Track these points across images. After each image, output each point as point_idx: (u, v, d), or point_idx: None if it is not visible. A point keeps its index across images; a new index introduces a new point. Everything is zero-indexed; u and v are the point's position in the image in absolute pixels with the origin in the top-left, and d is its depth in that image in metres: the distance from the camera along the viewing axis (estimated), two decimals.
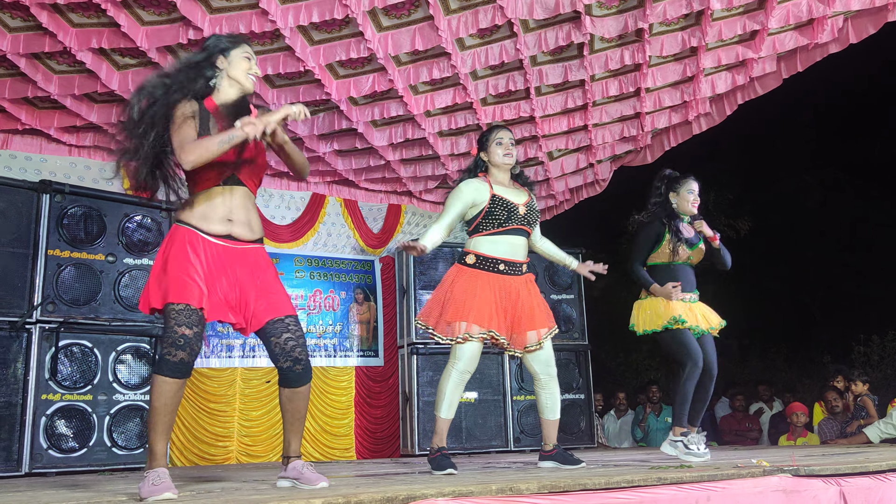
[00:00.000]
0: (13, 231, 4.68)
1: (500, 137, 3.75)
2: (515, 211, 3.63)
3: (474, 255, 3.61)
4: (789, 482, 2.67)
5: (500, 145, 3.73)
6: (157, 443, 2.56)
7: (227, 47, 2.84)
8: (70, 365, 4.77)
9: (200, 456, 6.08)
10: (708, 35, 5.12)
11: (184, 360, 2.54)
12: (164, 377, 2.53)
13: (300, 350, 2.77)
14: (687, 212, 4.50)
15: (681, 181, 4.55)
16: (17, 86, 5.18)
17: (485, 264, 3.59)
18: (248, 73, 2.84)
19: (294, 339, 2.77)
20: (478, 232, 3.64)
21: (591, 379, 6.97)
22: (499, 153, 3.72)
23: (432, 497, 2.11)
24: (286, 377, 2.77)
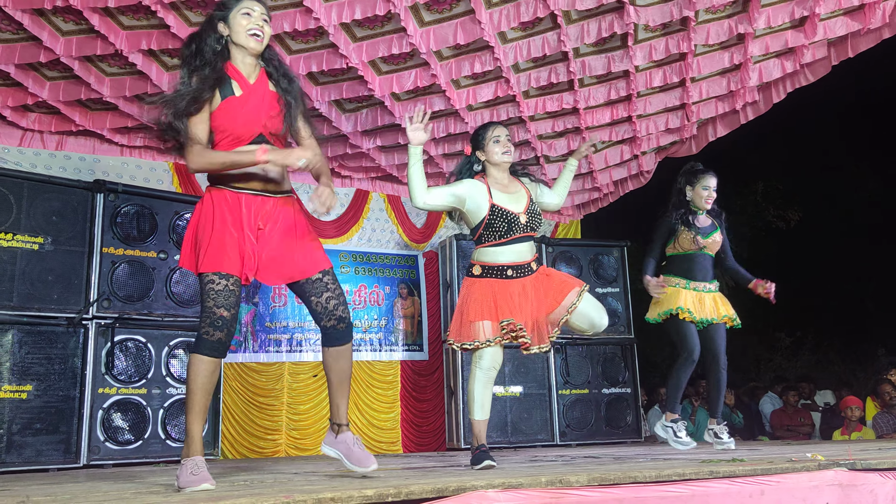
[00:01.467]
0: (69, 230, 4.82)
1: (497, 135, 3.60)
2: (516, 221, 3.49)
3: (480, 266, 3.52)
4: (846, 476, 2.62)
5: (497, 143, 3.59)
6: (194, 424, 2.58)
7: (224, 14, 2.72)
8: (125, 359, 4.89)
9: (251, 449, 6.19)
10: (756, 22, 5.02)
11: (221, 339, 2.58)
12: (202, 356, 2.57)
13: (342, 308, 2.76)
14: (700, 206, 4.60)
15: (698, 175, 4.63)
16: (71, 88, 5.32)
17: (491, 272, 3.49)
18: (248, 31, 2.69)
19: (335, 297, 2.76)
20: (481, 243, 3.55)
21: (637, 373, 6.91)
22: (497, 151, 3.58)
23: (482, 489, 2.12)
24: (330, 336, 2.77)
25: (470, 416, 3.59)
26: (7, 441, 4.34)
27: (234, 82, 2.72)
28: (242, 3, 2.71)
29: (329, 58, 5.02)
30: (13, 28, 4.63)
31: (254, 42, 2.71)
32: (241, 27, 2.69)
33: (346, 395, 2.84)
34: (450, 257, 6.78)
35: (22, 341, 4.50)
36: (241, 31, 2.69)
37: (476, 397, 3.54)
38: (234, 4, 2.72)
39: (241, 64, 2.76)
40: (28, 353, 4.51)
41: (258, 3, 2.74)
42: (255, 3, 2.74)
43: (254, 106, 2.72)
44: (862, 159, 13.20)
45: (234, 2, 2.72)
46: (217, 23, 2.73)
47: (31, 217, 4.66)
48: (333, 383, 2.82)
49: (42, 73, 5.21)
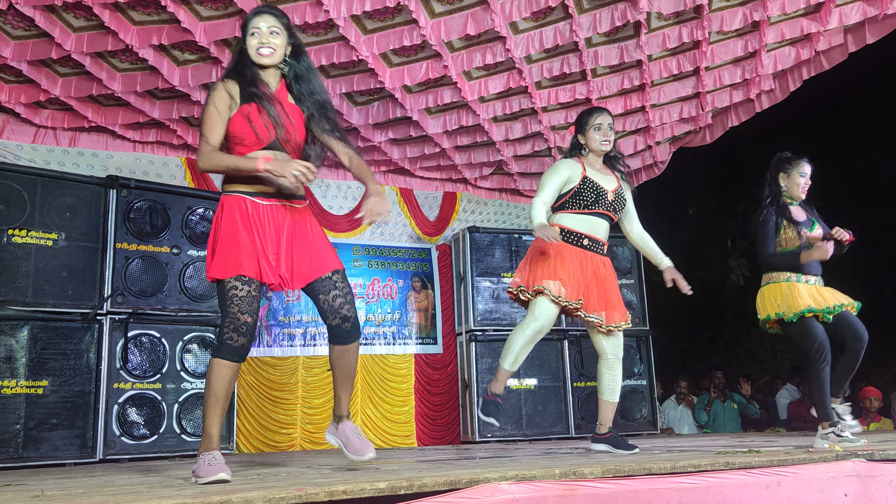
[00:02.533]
0: (83, 226, 4.84)
1: (599, 122, 3.78)
2: (604, 195, 3.69)
3: (559, 229, 3.65)
4: (864, 467, 2.58)
5: (598, 130, 3.77)
6: (212, 426, 2.62)
7: (241, 36, 2.86)
8: (140, 354, 4.92)
9: (265, 443, 6.21)
10: (771, 9, 4.95)
11: (244, 345, 2.63)
12: (225, 361, 2.61)
13: (348, 307, 2.81)
14: (796, 196, 4.21)
15: (792, 162, 4.22)
16: (83, 84, 5.34)
17: (570, 237, 3.64)
18: (257, 50, 2.80)
19: (342, 295, 2.81)
20: (563, 209, 3.70)
21: (652, 365, 6.87)
22: (596, 138, 3.76)
23: (495, 481, 2.11)
24: (335, 334, 2.82)
25: (500, 361, 3.67)
26: (24, 436, 4.37)
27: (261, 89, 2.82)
28: (250, 24, 2.83)
29: (339, 50, 5.00)
30: (25, 25, 4.65)
31: (263, 59, 2.82)
32: (252, 47, 2.81)
33: (349, 389, 2.91)
34: (463, 250, 6.76)
35: (37, 337, 4.53)
36: (252, 50, 2.82)
37: (515, 349, 3.62)
38: (247, 26, 2.84)
39: (263, 75, 2.87)
40: (43, 348, 4.54)
41: (266, 17, 2.82)
42: (263, 17, 2.82)
43: (271, 115, 2.79)
44: (880, 148, 13.04)
45: (246, 23, 2.85)
46: (243, 47, 2.86)
47: (45, 213, 4.68)
48: (337, 378, 2.88)
49: (54, 69, 5.23)
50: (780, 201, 4.18)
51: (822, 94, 8.67)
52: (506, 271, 6.73)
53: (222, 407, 2.63)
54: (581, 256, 3.65)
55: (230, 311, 2.62)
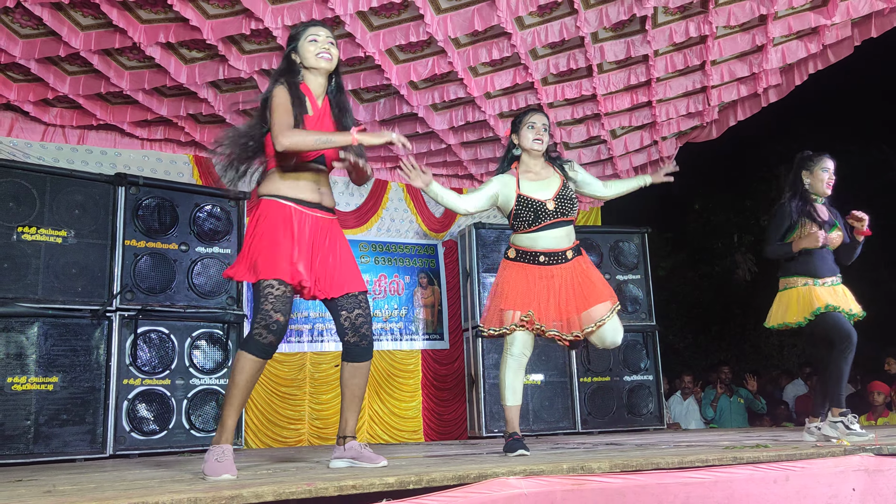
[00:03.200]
0: (92, 223, 4.86)
1: (533, 121, 3.61)
2: (543, 209, 3.52)
3: (514, 250, 3.61)
4: (872, 461, 2.59)
5: (531, 129, 3.60)
6: (230, 417, 2.63)
7: (294, 45, 2.90)
8: (149, 351, 4.94)
9: (274, 438, 6.24)
10: (778, 2, 4.94)
11: (272, 342, 2.65)
12: (252, 356, 2.62)
13: (367, 327, 2.86)
14: (821, 192, 4.16)
15: (815, 159, 4.18)
16: (91, 82, 5.36)
17: (525, 257, 3.57)
18: (318, 55, 2.86)
19: (364, 315, 2.87)
20: (514, 230, 3.64)
21: (659, 360, 6.87)
22: (528, 137, 3.60)
23: (504, 476, 2.12)
24: (351, 352, 2.85)
25: (502, 402, 3.59)
26: (34, 432, 4.40)
27: (308, 102, 2.86)
28: (308, 31, 2.89)
29: (346, 47, 5.01)
30: (33, 23, 4.67)
31: (324, 62, 2.87)
32: (310, 52, 2.86)
33: (357, 410, 2.92)
34: (469, 246, 6.77)
35: (47, 334, 4.56)
36: (310, 55, 2.87)
37: (508, 383, 3.54)
38: (302, 34, 2.89)
39: (313, 84, 2.92)
40: (53, 345, 4.57)
41: (323, 28, 2.92)
42: (321, 28, 2.91)
43: (321, 127, 2.85)
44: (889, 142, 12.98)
45: (301, 32, 2.91)
46: (291, 55, 2.90)
47: (54, 211, 4.71)
48: (346, 397, 2.89)
49: (62, 67, 5.26)
50: (806, 198, 4.14)
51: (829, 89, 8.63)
52: None
53: (241, 400, 2.64)
54: (537, 273, 3.53)
55: (263, 308, 2.63)
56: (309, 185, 2.80)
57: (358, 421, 2.99)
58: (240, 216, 5.45)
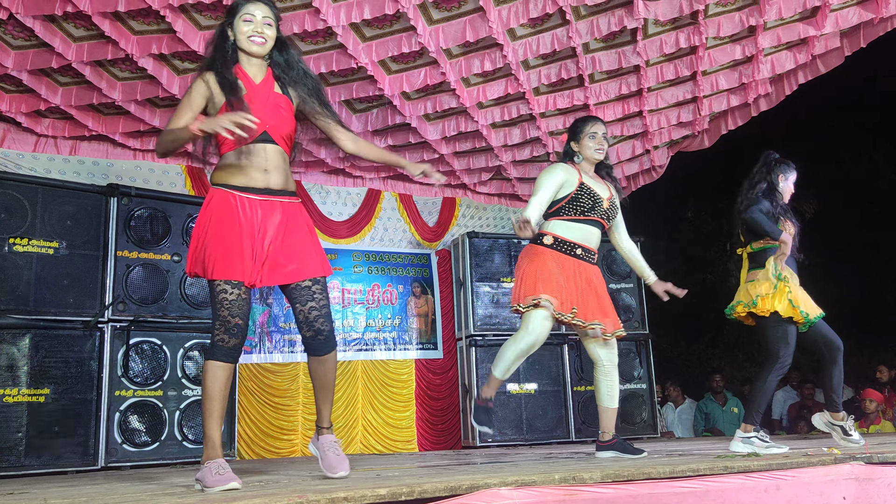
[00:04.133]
0: (84, 234, 4.85)
1: (594, 131, 3.74)
2: (600, 203, 3.66)
3: (552, 237, 3.61)
4: (862, 470, 2.60)
5: (592, 139, 3.73)
6: (213, 430, 2.61)
7: (229, 19, 2.79)
8: (141, 362, 4.93)
9: (266, 449, 6.22)
10: (766, 14, 4.98)
11: (236, 345, 2.64)
12: (219, 362, 2.62)
13: (322, 320, 2.78)
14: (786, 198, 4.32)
15: (789, 166, 4.32)
16: (84, 93, 5.36)
17: (563, 247, 3.59)
18: (249, 38, 2.75)
19: (318, 308, 2.77)
20: (558, 215, 3.63)
21: (652, 368, 6.88)
22: (590, 146, 3.73)
23: (495, 486, 2.12)
24: (309, 346, 2.82)
25: (492, 369, 3.60)
26: (26, 444, 4.38)
27: (241, 83, 2.77)
28: (244, 9, 2.76)
29: (338, 58, 5.03)
30: (25, 35, 4.68)
31: (255, 47, 2.77)
32: (243, 33, 2.76)
33: (329, 400, 2.91)
34: (462, 255, 6.78)
35: (39, 345, 4.54)
36: (242, 36, 2.76)
37: (506, 359, 3.55)
38: (238, 10, 2.77)
39: (248, 65, 2.83)
40: (45, 356, 4.55)
41: (261, 7, 2.78)
42: (258, 6, 2.77)
43: (257, 105, 2.74)
44: (876, 149, 13.06)
45: (238, 8, 2.78)
46: (226, 29, 2.81)
47: (45, 222, 4.70)
48: (316, 388, 2.89)
49: (54, 78, 5.26)
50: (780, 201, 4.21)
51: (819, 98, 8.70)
52: (505, 276, 6.75)
53: (219, 410, 2.62)
54: (574, 266, 3.59)
55: (220, 315, 2.62)
56: (254, 169, 2.71)
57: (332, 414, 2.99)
58: None
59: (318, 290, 2.78)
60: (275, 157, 2.77)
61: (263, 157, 2.74)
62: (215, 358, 2.63)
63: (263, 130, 2.73)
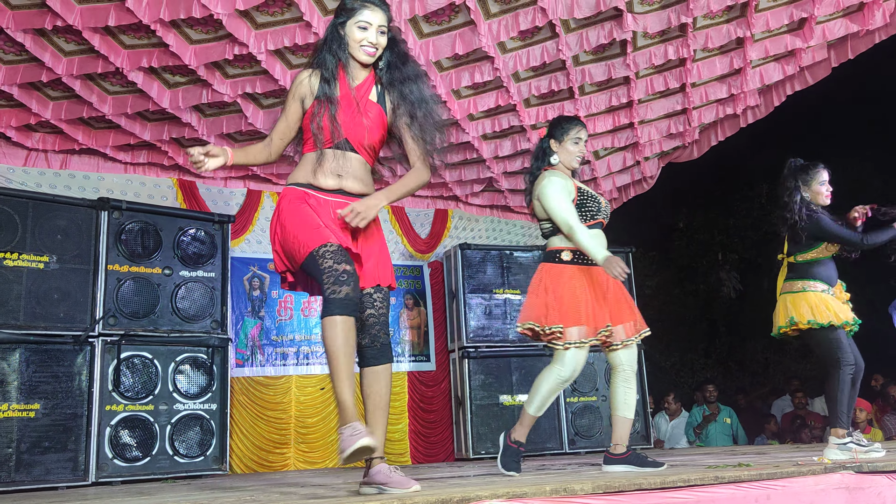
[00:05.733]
0: (75, 248, 4.84)
1: (580, 136, 3.54)
2: (600, 203, 3.50)
3: (570, 252, 3.43)
4: (852, 479, 2.61)
5: (576, 144, 3.53)
6: (343, 391, 2.46)
7: (343, 19, 2.71)
8: (132, 376, 4.91)
9: (259, 463, 6.19)
10: (754, 26, 5.03)
11: (349, 294, 2.46)
12: (337, 315, 2.44)
13: (378, 328, 2.67)
14: (821, 203, 4.16)
15: (810, 171, 4.17)
16: (74, 107, 5.37)
17: (582, 259, 3.42)
18: (361, 46, 2.68)
19: (375, 315, 2.68)
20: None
21: (645, 379, 6.89)
22: (573, 152, 3.52)
23: (486, 499, 2.12)
24: (363, 355, 2.67)
25: (525, 407, 3.44)
26: (16, 459, 4.35)
27: (337, 84, 2.71)
28: (360, 15, 2.68)
29: None
30: (16, 49, 4.68)
31: (365, 56, 2.71)
32: (355, 40, 2.69)
33: (384, 423, 2.66)
34: (455, 267, 6.79)
35: (29, 360, 4.52)
36: (354, 44, 2.70)
37: (541, 396, 3.41)
38: (354, 14, 2.69)
39: (351, 67, 2.75)
40: (35, 371, 4.53)
41: (378, 13, 2.70)
42: (377, 12, 2.70)
43: (345, 110, 2.69)
44: (866, 159, 13.15)
45: (354, 11, 2.69)
46: (338, 29, 2.73)
47: (36, 236, 4.68)
48: (369, 410, 2.66)
49: (45, 92, 5.26)
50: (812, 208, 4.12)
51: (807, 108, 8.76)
52: (497, 287, 6.75)
53: (347, 368, 2.47)
54: (595, 277, 3.45)
55: (326, 266, 2.47)
56: (328, 172, 2.66)
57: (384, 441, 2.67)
58: (224, 239, 5.43)
59: (379, 298, 2.70)
60: (353, 165, 2.72)
61: (340, 164, 2.69)
62: (331, 312, 2.44)
63: (344, 138, 2.69)
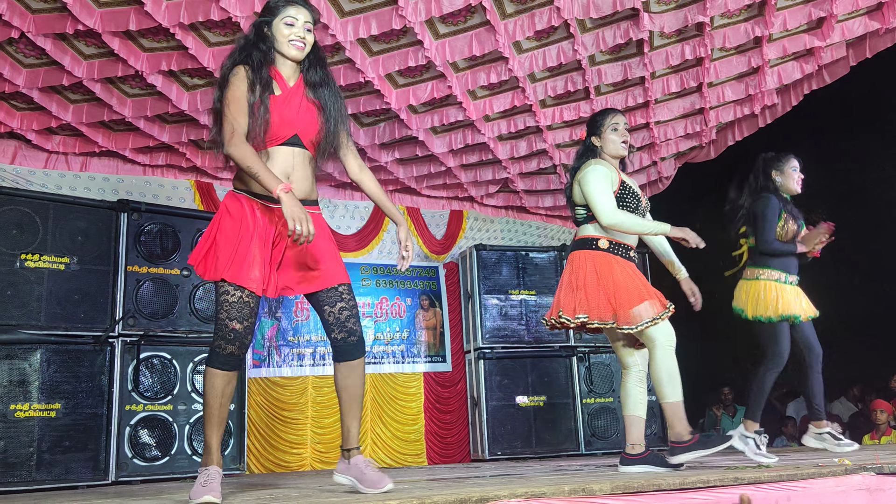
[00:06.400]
0: (95, 249, 4.89)
1: (616, 122, 3.46)
2: (640, 202, 3.42)
3: (607, 241, 3.34)
4: (873, 480, 2.59)
5: (615, 131, 3.44)
6: (211, 437, 2.56)
7: (269, 19, 2.71)
8: (151, 376, 4.95)
9: (276, 463, 6.22)
10: (772, 25, 5.00)
11: (233, 353, 2.53)
12: (216, 369, 2.53)
13: (354, 321, 2.69)
14: (791, 190, 4.26)
15: (782, 159, 4.29)
16: (94, 110, 5.42)
17: (618, 249, 3.35)
18: (290, 41, 2.68)
19: (348, 308, 2.69)
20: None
21: None
22: (615, 140, 3.44)
23: (505, 498, 2.12)
24: (340, 349, 2.69)
25: (667, 398, 3.22)
26: (37, 459, 4.39)
27: (275, 83, 2.72)
28: (286, 11, 2.70)
29: (346, 73, 5.07)
30: (37, 53, 4.73)
31: (294, 51, 2.71)
32: (283, 36, 2.69)
33: (359, 416, 2.72)
34: (470, 268, 6.79)
35: (50, 360, 4.57)
36: (282, 39, 2.70)
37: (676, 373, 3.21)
38: (279, 11, 2.71)
39: (282, 67, 2.76)
40: (56, 371, 4.58)
41: (303, 11, 2.73)
42: (301, 10, 2.72)
43: (292, 108, 2.70)
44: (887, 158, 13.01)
45: (279, 8, 2.72)
46: (263, 28, 2.72)
47: (57, 238, 4.74)
48: (344, 402, 2.70)
49: (65, 96, 5.31)
50: (780, 196, 4.24)
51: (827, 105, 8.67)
52: (513, 288, 6.75)
53: (218, 417, 2.55)
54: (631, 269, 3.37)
55: (219, 318, 2.53)
56: (278, 172, 2.61)
57: (360, 433, 2.80)
58: None
59: (345, 290, 2.71)
60: (302, 161, 2.72)
61: (290, 163, 2.68)
62: (212, 365, 2.54)
63: (294, 133, 2.70)
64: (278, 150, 2.67)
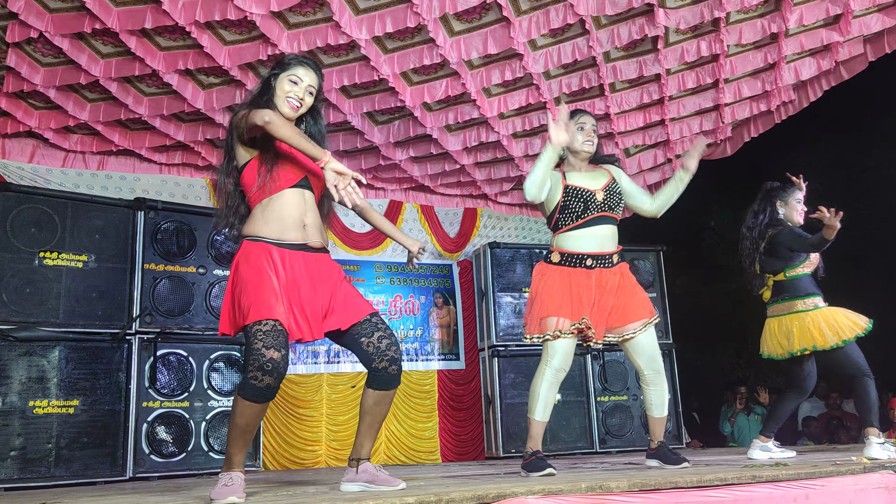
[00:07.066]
0: (112, 248, 4.93)
1: (583, 122, 3.53)
2: (592, 198, 3.42)
3: (559, 254, 3.43)
4: (892, 479, 2.57)
5: (581, 130, 3.52)
6: (235, 454, 2.50)
7: (277, 71, 2.79)
8: (168, 373, 4.99)
9: (291, 460, 6.25)
10: (789, 21, 4.96)
11: (270, 385, 2.40)
12: (248, 402, 2.41)
13: (395, 349, 2.65)
14: (796, 222, 4.25)
15: (787, 190, 4.28)
16: (111, 109, 5.46)
17: (570, 261, 3.40)
18: (286, 98, 2.74)
19: (387, 336, 2.65)
20: (558, 229, 3.47)
21: (676, 378, 6.84)
22: (578, 138, 3.51)
23: (522, 495, 2.12)
24: (380, 379, 2.64)
25: (529, 415, 3.43)
26: (56, 455, 4.44)
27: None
28: (294, 70, 2.77)
29: (361, 71, 5.07)
30: (54, 52, 4.77)
31: (287, 108, 2.75)
32: (283, 91, 2.74)
33: (375, 436, 2.73)
34: (484, 266, 6.79)
35: (68, 357, 4.61)
36: (281, 94, 2.74)
37: (540, 396, 3.39)
38: (288, 68, 2.77)
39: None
40: (74, 368, 4.62)
41: (311, 74, 2.79)
42: (310, 72, 2.79)
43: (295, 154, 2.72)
44: None
45: (289, 65, 2.78)
46: (270, 81, 2.79)
47: (74, 236, 4.78)
48: (365, 423, 2.69)
49: (82, 95, 5.36)
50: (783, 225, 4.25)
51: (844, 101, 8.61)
52: (527, 286, 6.73)
53: (244, 440, 2.48)
54: (583, 277, 3.40)
55: (254, 348, 2.39)
56: (292, 222, 2.64)
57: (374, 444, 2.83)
58: None
59: (378, 320, 2.69)
60: (312, 206, 2.74)
61: (303, 207, 2.69)
62: (245, 397, 2.40)
63: (304, 175, 2.72)
64: (287, 194, 2.68)
